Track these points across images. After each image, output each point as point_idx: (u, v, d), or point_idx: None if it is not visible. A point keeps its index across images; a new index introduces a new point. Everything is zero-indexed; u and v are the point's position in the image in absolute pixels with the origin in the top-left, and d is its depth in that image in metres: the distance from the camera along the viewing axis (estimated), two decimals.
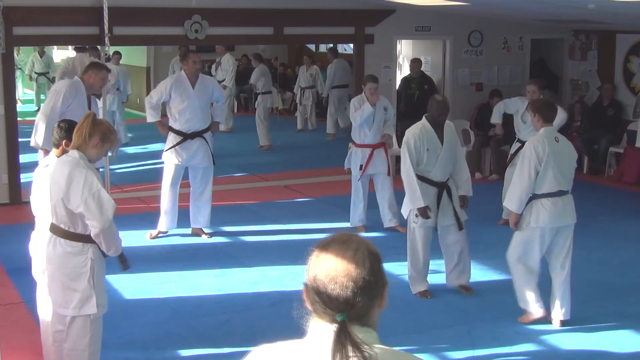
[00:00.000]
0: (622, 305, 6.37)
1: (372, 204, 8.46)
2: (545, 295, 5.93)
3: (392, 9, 10.99)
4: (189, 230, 8.28)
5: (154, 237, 8.14)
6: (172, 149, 7.94)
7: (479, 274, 7.11)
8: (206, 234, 8.23)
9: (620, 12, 8.85)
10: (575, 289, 6.73)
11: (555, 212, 5.74)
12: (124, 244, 4.64)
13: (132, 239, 7.95)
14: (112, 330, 5.52)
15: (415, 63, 11.79)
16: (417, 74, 11.71)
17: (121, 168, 11.55)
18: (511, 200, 5.84)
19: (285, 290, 6.63)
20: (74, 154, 4.43)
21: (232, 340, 5.64)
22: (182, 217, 8.22)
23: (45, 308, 4.94)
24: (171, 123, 8.00)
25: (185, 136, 7.93)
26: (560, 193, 5.76)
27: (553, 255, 5.88)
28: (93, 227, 4.37)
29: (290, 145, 13.89)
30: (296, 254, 7.53)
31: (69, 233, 4.48)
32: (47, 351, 4.92)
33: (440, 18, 11.44)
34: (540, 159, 5.69)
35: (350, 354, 1.74)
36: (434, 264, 7.34)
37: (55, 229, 4.52)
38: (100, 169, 7.38)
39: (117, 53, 13.43)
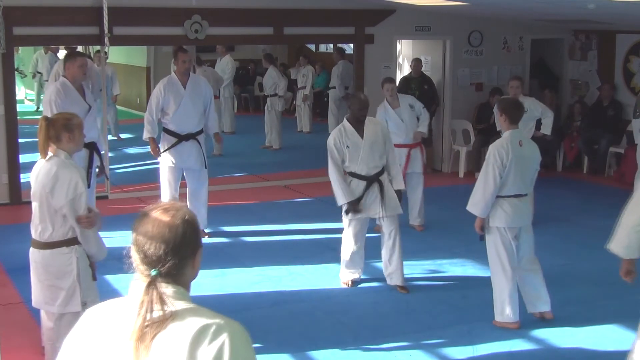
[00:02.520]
0: (622, 305, 6.36)
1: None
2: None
3: (392, 9, 10.99)
4: None
5: None
6: (167, 151, 7.94)
7: (479, 273, 7.10)
8: (206, 233, 8.24)
9: (620, 12, 8.85)
10: (576, 288, 6.74)
11: (512, 213, 5.75)
12: (124, 244, 4.65)
13: None
14: None
15: (417, 63, 11.78)
16: (418, 74, 11.70)
17: (121, 168, 11.56)
18: (476, 205, 5.78)
19: (285, 290, 6.63)
20: (59, 154, 4.49)
21: None
22: None
23: None
24: (165, 124, 8.00)
25: (180, 138, 7.93)
26: (517, 196, 5.78)
27: (520, 255, 5.88)
28: (76, 228, 4.48)
29: (290, 145, 13.89)
30: (296, 254, 7.57)
31: (50, 243, 4.55)
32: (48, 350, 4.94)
33: (440, 18, 11.44)
34: (504, 164, 5.67)
35: (155, 306, 1.98)
36: (433, 264, 7.36)
37: (37, 244, 4.60)
38: (96, 169, 7.37)
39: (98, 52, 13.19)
